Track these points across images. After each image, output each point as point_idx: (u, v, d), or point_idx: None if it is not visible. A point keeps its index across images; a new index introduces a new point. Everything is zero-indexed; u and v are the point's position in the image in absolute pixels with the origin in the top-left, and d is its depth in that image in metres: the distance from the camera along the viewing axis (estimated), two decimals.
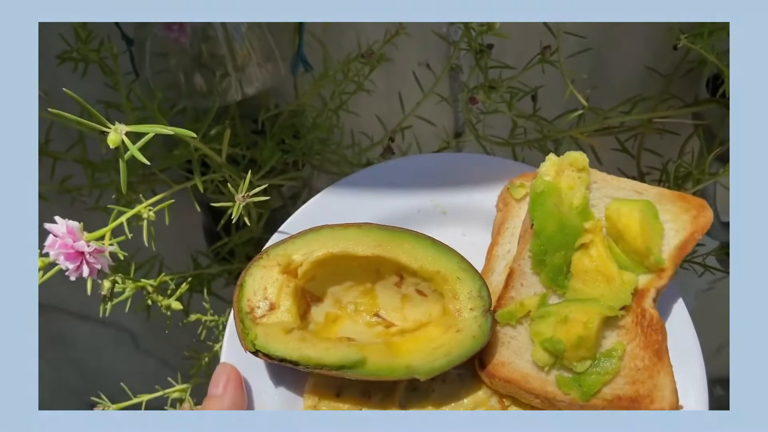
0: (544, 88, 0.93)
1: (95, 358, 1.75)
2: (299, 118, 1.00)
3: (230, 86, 0.93)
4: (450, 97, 1.09)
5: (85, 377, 1.80)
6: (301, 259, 0.65)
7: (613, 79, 1.10)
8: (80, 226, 0.65)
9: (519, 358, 0.64)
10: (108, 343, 1.68)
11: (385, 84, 1.07)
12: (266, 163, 0.90)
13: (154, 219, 0.72)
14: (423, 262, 0.65)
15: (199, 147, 0.71)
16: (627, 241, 0.64)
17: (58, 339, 1.67)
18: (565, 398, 0.61)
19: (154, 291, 0.80)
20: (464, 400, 0.66)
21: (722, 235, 1.09)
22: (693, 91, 0.99)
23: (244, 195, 0.68)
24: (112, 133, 0.57)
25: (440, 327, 0.65)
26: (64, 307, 1.56)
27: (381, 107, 1.05)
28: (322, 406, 0.66)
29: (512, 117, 0.93)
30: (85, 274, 0.65)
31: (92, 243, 0.65)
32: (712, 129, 0.96)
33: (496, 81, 0.90)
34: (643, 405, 0.59)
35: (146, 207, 0.71)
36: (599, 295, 0.63)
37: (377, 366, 0.62)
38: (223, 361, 0.66)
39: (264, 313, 0.64)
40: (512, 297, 0.65)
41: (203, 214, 1.20)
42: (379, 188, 0.72)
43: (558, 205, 0.65)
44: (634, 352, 0.61)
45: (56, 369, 1.77)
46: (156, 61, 0.92)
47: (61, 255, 0.64)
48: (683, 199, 0.65)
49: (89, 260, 0.65)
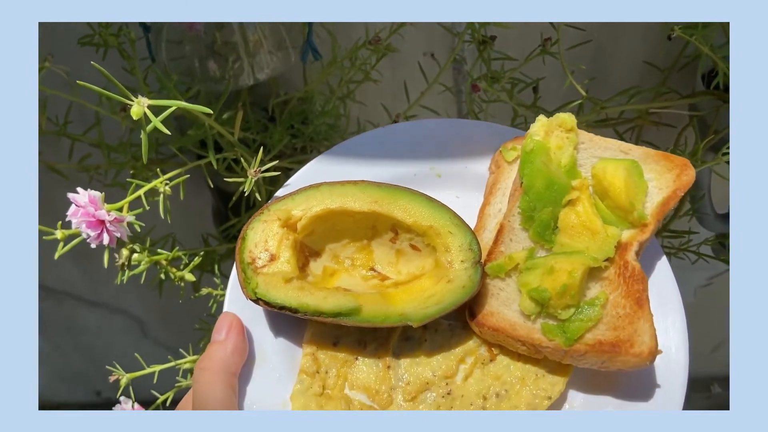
0: (545, 79, 0.97)
1: (103, 346, 1.79)
2: (308, 104, 1.04)
3: (242, 71, 0.98)
4: (454, 87, 1.13)
5: (93, 364, 1.83)
6: (300, 214, 0.68)
7: (611, 73, 1.13)
8: (101, 196, 0.70)
9: (507, 308, 0.66)
10: (117, 331, 1.71)
11: (390, 74, 1.11)
12: (276, 146, 0.94)
13: (170, 193, 0.76)
14: (417, 217, 0.68)
15: (213, 125, 0.74)
16: (612, 198, 0.66)
17: (68, 325, 1.71)
18: (549, 344, 0.64)
19: (168, 264, 0.84)
20: (455, 349, 0.69)
21: (717, 227, 1.11)
22: (689, 86, 1.02)
23: (256, 170, 0.72)
24: (135, 105, 0.60)
25: (432, 278, 0.68)
26: (75, 293, 1.60)
27: (386, 97, 1.09)
28: (320, 355, 0.69)
29: (513, 106, 0.96)
30: (105, 242, 0.70)
31: (112, 212, 0.69)
32: (706, 120, 0.99)
33: (498, 72, 0.94)
34: (623, 350, 0.61)
35: (162, 181, 0.75)
36: (584, 248, 0.65)
37: (372, 313, 0.65)
38: (225, 310, 0.69)
39: (265, 264, 0.67)
40: (502, 251, 0.68)
41: (213, 199, 1.25)
42: (377, 152, 0.75)
43: (547, 164, 0.68)
44: (616, 301, 0.64)
45: (65, 355, 1.80)
46: (172, 47, 0.98)
47: (83, 223, 0.68)
48: (667, 159, 0.68)
49: (109, 228, 0.69)
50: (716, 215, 1.11)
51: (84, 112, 0.93)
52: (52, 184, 1.18)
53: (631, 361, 0.61)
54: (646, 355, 0.60)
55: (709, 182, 1.06)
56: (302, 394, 0.67)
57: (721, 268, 1.76)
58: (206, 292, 0.92)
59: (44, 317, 1.64)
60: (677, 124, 1.02)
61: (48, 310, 1.63)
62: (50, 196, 1.04)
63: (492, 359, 0.68)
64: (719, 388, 2.29)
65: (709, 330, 2.02)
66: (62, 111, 0.92)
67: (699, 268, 1.73)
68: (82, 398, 1.96)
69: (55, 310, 1.64)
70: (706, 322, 1.97)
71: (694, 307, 1.91)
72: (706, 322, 1.96)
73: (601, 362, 0.63)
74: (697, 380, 2.31)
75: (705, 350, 2.14)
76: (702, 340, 2.09)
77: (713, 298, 1.84)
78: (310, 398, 0.67)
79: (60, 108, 0.91)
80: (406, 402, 0.67)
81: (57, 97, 0.84)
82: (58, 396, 1.96)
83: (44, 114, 0.85)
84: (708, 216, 1.09)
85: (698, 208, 1.06)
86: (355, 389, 0.68)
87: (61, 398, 1.96)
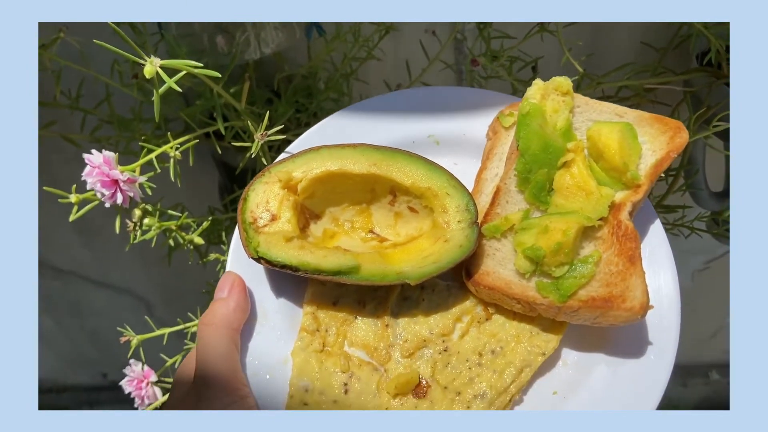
0: (543, 58, 0.98)
1: (110, 327, 1.81)
2: (312, 80, 1.05)
3: (249, 45, 1.00)
4: (454, 65, 1.14)
5: (100, 346, 1.85)
6: (300, 176, 0.70)
7: (608, 53, 1.14)
8: (115, 157, 0.72)
9: (503, 268, 0.68)
10: (123, 312, 1.73)
11: (393, 53, 1.12)
12: (281, 118, 0.96)
13: (180, 158, 0.78)
14: (415, 179, 0.69)
15: (221, 93, 0.76)
16: (606, 159, 0.68)
17: (75, 307, 1.73)
18: (543, 301, 0.65)
19: (177, 229, 0.86)
20: (452, 308, 0.70)
21: (712, 205, 1.12)
22: (684, 65, 1.03)
23: (262, 134, 0.74)
24: (148, 65, 0.62)
25: (430, 239, 0.69)
26: (82, 274, 1.62)
27: (389, 75, 1.11)
28: (320, 314, 0.70)
29: (511, 81, 0.98)
30: (119, 201, 0.72)
31: (126, 173, 0.71)
32: (699, 96, 1.00)
33: (497, 51, 0.95)
34: (615, 305, 0.62)
35: (173, 146, 0.77)
36: (579, 209, 0.67)
37: (370, 272, 0.67)
38: (228, 270, 0.71)
39: (266, 223, 0.69)
40: (498, 213, 0.70)
41: (220, 176, 1.27)
42: (376, 119, 0.77)
43: (543, 126, 0.69)
44: (609, 259, 0.65)
45: (71, 338, 1.82)
46: (182, 24, 1.00)
47: (98, 182, 0.71)
48: (661, 122, 0.69)
49: (123, 188, 0.71)
50: (711, 193, 1.12)
51: (95, 90, 0.95)
52: (62, 163, 1.21)
53: (622, 316, 0.62)
54: (637, 309, 0.62)
55: (703, 159, 1.07)
56: (303, 350, 0.68)
57: (718, 252, 1.77)
58: (214, 257, 0.94)
59: (53, 297, 1.66)
60: (672, 103, 1.03)
61: (56, 291, 1.65)
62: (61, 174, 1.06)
63: (488, 318, 0.70)
64: (717, 374, 2.30)
65: (707, 316, 2.04)
66: (74, 85, 0.94)
67: (696, 251, 1.75)
68: (88, 381, 1.99)
69: (63, 291, 1.66)
70: (704, 308, 1.98)
71: (692, 292, 1.92)
72: (704, 307, 1.98)
73: (594, 318, 0.64)
74: (695, 366, 2.32)
75: (703, 336, 2.14)
76: (700, 326, 2.10)
77: (711, 282, 1.86)
78: (310, 354, 0.68)
79: (72, 82, 0.93)
80: (404, 358, 0.69)
81: (69, 72, 0.86)
82: (65, 379, 1.98)
83: (58, 86, 0.87)
84: (702, 192, 1.10)
85: (692, 184, 1.07)
86: (354, 346, 0.70)
87: (68, 381, 1.98)
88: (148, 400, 0.82)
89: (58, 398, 1.99)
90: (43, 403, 1.99)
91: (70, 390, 2.01)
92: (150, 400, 0.82)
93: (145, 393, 0.82)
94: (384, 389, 0.67)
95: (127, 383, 0.83)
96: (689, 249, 1.81)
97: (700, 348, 2.23)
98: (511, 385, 0.66)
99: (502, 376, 0.67)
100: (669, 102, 1.02)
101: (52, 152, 1.22)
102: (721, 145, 0.99)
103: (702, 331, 2.14)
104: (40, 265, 1.55)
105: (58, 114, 0.94)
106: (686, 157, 1.04)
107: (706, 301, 1.97)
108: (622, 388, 0.65)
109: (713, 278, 1.85)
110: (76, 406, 2.00)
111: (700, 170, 1.06)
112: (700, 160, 1.06)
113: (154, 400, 0.82)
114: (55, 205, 1.33)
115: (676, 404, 2.40)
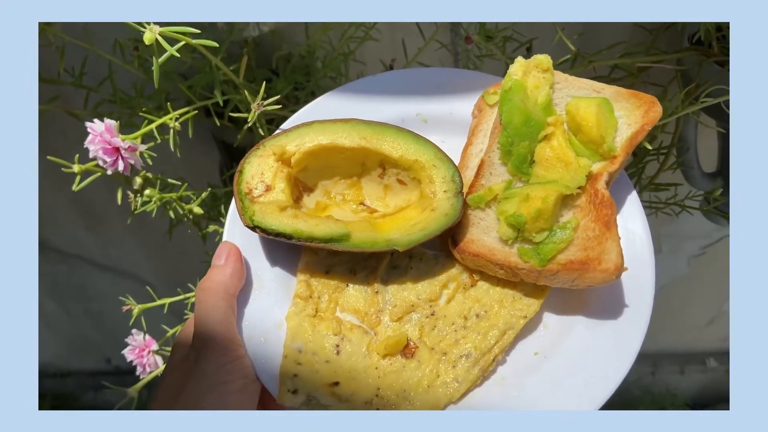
0: (537, 39, 1.01)
1: (113, 312, 1.84)
2: (310, 59, 1.09)
3: (248, 23, 1.03)
4: (450, 45, 1.18)
5: (103, 332, 1.89)
6: (294, 149, 0.73)
7: (602, 35, 1.17)
8: (116, 124, 0.75)
9: (486, 236, 0.71)
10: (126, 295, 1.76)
11: (389, 32, 1.16)
12: (279, 94, 0.99)
13: (179, 129, 0.81)
14: (403, 151, 0.73)
15: (220, 66, 0.79)
16: (584, 132, 0.71)
17: (80, 291, 1.77)
18: (525, 266, 0.68)
19: (177, 201, 0.89)
20: (439, 276, 0.74)
21: (704, 184, 1.15)
22: (676, 47, 1.06)
23: (259, 103, 0.77)
24: (148, 32, 0.65)
25: (418, 208, 0.73)
26: (87, 257, 1.66)
27: (386, 56, 1.14)
28: (313, 282, 0.74)
29: (505, 60, 1.01)
30: (120, 168, 0.75)
31: (127, 140, 0.74)
32: (690, 75, 1.03)
33: (491, 31, 0.99)
34: (591, 267, 0.66)
35: (172, 117, 0.81)
36: (558, 178, 0.70)
37: (361, 239, 0.70)
38: (225, 239, 0.74)
39: (261, 194, 0.72)
40: (482, 184, 0.73)
41: (220, 155, 1.30)
42: (366, 98, 0.80)
43: (524, 101, 0.72)
44: (586, 225, 0.68)
45: (75, 322, 1.86)
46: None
47: (100, 149, 0.74)
48: (636, 97, 0.73)
49: (124, 155, 0.75)
50: (703, 173, 1.16)
51: (98, 69, 0.98)
52: (66, 147, 1.24)
53: (598, 277, 0.66)
54: (612, 270, 0.65)
55: (695, 138, 1.10)
56: (296, 315, 0.72)
57: (714, 237, 1.80)
58: (213, 229, 0.97)
59: (58, 281, 1.70)
60: (664, 83, 1.06)
61: (61, 274, 1.68)
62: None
63: (473, 284, 0.73)
64: (715, 362, 2.33)
65: (703, 302, 2.06)
66: (78, 63, 0.97)
67: (692, 236, 1.77)
68: (92, 366, 2.02)
69: (69, 274, 1.70)
70: (701, 294, 2.01)
71: (688, 278, 1.94)
72: (700, 293, 2.00)
73: (572, 280, 0.68)
74: (693, 355, 2.35)
75: (700, 323, 2.17)
76: (697, 313, 2.13)
77: (707, 268, 1.88)
78: (303, 319, 0.72)
79: (76, 60, 0.96)
80: (393, 322, 0.72)
81: (73, 50, 0.89)
82: (69, 363, 2.01)
83: (62, 61, 0.90)
84: (694, 171, 1.13)
85: (684, 162, 1.10)
86: (346, 311, 0.73)
87: (72, 366, 2.02)
88: (150, 368, 0.85)
89: (63, 383, 2.02)
90: (48, 388, 2.03)
91: (75, 375, 2.04)
92: (151, 368, 0.85)
93: (146, 361, 0.85)
94: (374, 350, 0.70)
95: (128, 352, 0.86)
96: (684, 233, 1.84)
97: (697, 335, 2.25)
98: (495, 345, 0.70)
99: (486, 337, 0.70)
100: (662, 83, 1.05)
101: (58, 133, 1.25)
102: (708, 120, 1.02)
103: (699, 318, 2.16)
104: (46, 248, 1.59)
105: (62, 91, 0.97)
106: (677, 134, 1.07)
107: (703, 287, 2.00)
108: (599, 347, 0.69)
109: (709, 264, 1.88)
110: (81, 390, 2.04)
111: (692, 149, 1.10)
112: (692, 140, 1.10)
113: (155, 368, 0.86)
114: (60, 189, 1.37)
115: (674, 392, 2.43)
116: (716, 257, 1.81)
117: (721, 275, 1.93)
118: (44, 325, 1.84)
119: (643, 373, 2.39)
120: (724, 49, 0.96)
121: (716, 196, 1.09)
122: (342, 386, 0.68)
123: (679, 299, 2.03)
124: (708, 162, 1.17)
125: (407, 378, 0.69)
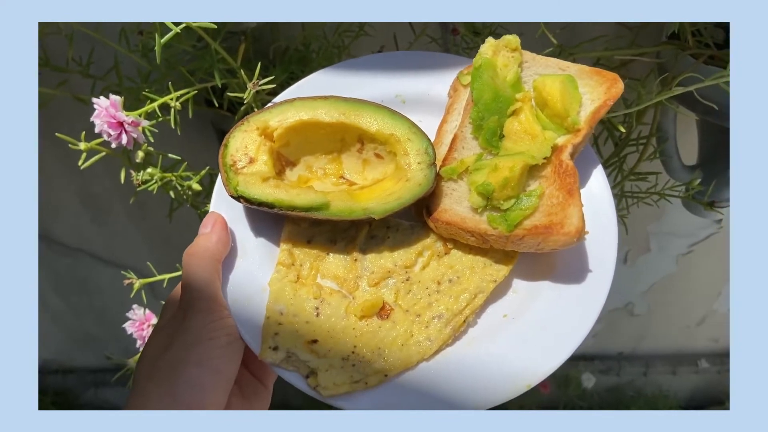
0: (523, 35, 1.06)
1: (115, 306, 1.88)
2: (306, 50, 1.13)
3: None
4: (440, 39, 1.22)
5: (104, 326, 1.92)
6: (276, 125, 0.78)
7: (585, 31, 1.22)
8: (120, 100, 0.80)
9: (458, 205, 0.75)
10: (128, 290, 1.80)
11: (382, 28, 1.20)
12: (275, 81, 1.04)
13: (180, 108, 0.86)
14: (380, 126, 0.77)
15: (218, 50, 0.83)
16: (550, 107, 0.75)
17: (83, 284, 1.80)
18: (494, 232, 0.72)
19: (177, 179, 0.93)
20: (414, 245, 0.78)
21: (683, 176, 1.19)
22: (655, 41, 1.11)
23: (254, 82, 0.82)
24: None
25: (393, 180, 0.77)
26: (90, 251, 1.70)
27: (378, 48, 1.18)
28: (295, 251, 0.78)
29: None
30: (123, 142, 0.80)
31: (130, 116, 0.79)
32: (666, 66, 1.08)
33: (478, 26, 1.03)
34: (554, 230, 0.70)
35: (173, 98, 0.85)
36: (525, 150, 0.74)
37: (339, 208, 0.74)
38: (211, 210, 0.79)
39: (244, 165, 0.76)
40: (455, 158, 0.77)
41: (218, 143, 1.34)
42: (349, 79, 0.85)
43: (494, 79, 0.77)
44: (551, 193, 0.72)
45: (78, 316, 1.89)
46: None
47: (105, 123, 0.79)
48: (599, 74, 0.77)
49: (128, 129, 0.79)
50: (683, 165, 1.20)
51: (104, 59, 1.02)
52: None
53: (561, 240, 0.69)
54: (573, 233, 0.69)
55: (674, 130, 1.15)
56: (279, 281, 0.76)
57: (701, 235, 1.83)
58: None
59: (62, 275, 1.74)
60: (643, 76, 1.11)
61: (65, 268, 1.72)
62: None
63: (447, 252, 0.77)
64: (707, 363, 2.35)
65: (693, 302, 2.09)
66: (85, 52, 1.02)
67: (679, 235, 1.80)
68: (93, 362, 2.05)
69: (72, 268, 1.73)
70: (690, 293, 2.03)
71: (677, 277, 1.97)
72: (689, 293, 2.03)
73: (537, 244, 0.71)
74: (684, 355, 2.37)
75: (690, 323, 2.20)
76: (687, 312, 2.15)
77: (696, 266, 1.91)
78: (285, 284, 0.76)
79: (83, 49, 1.01)
80: (370, 287, 0.76)
81: (81, 39, 0.93)
82: (71, 359, 2.04)
83: (71, 48, 0.94)
84: (674, 162, 1.17)
85: (663, 152, 1.14)
86: (326, 278, 0.77)
87: (74, 362, 2.05)
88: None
89: (64, 380, 2.05)
90: (49, 384, 2.06)
91: (78, 372, 2.07)
92: None
93: (146, 334, 0.89)
94: (351, 312, 0.74)
95: (129, 325, 0.90)
96: (672, 232, 1.87)
97: (688, 335, 2.27)
98: (466, 307, 0.73)
99: (458, 300, 0.74)
100: (641, 76, 1.10)
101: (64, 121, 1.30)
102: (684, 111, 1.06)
103: (689, 318, 2.19)
104: (50, 242, 1.63)
105: (69, 80, 1.01)
106: (654, 124, 1.11)
107: (692, 286, 2.02)
108: (565, 306, 0.72)
109: (698, 261, 1.91)
110: (83, 387, 2.07)
111: (671, 140, 1.14)
112: (671, 131, 1.14)
113: None
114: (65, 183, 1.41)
115: (666, 393, 2.45)
116: (703, 255, 1.85)
117: (709, 273, 1.96)
118: (48, 320, 1.87)
119: (636, 374, 2.41)
120: (698, 42, 1.00)
121: (694, 185, 1.13)
122: (320, 344, 0.72)
123: (668, 298, 2.05)
124: (688, 156, 1.21)
125: (383, 337, 0.72)
